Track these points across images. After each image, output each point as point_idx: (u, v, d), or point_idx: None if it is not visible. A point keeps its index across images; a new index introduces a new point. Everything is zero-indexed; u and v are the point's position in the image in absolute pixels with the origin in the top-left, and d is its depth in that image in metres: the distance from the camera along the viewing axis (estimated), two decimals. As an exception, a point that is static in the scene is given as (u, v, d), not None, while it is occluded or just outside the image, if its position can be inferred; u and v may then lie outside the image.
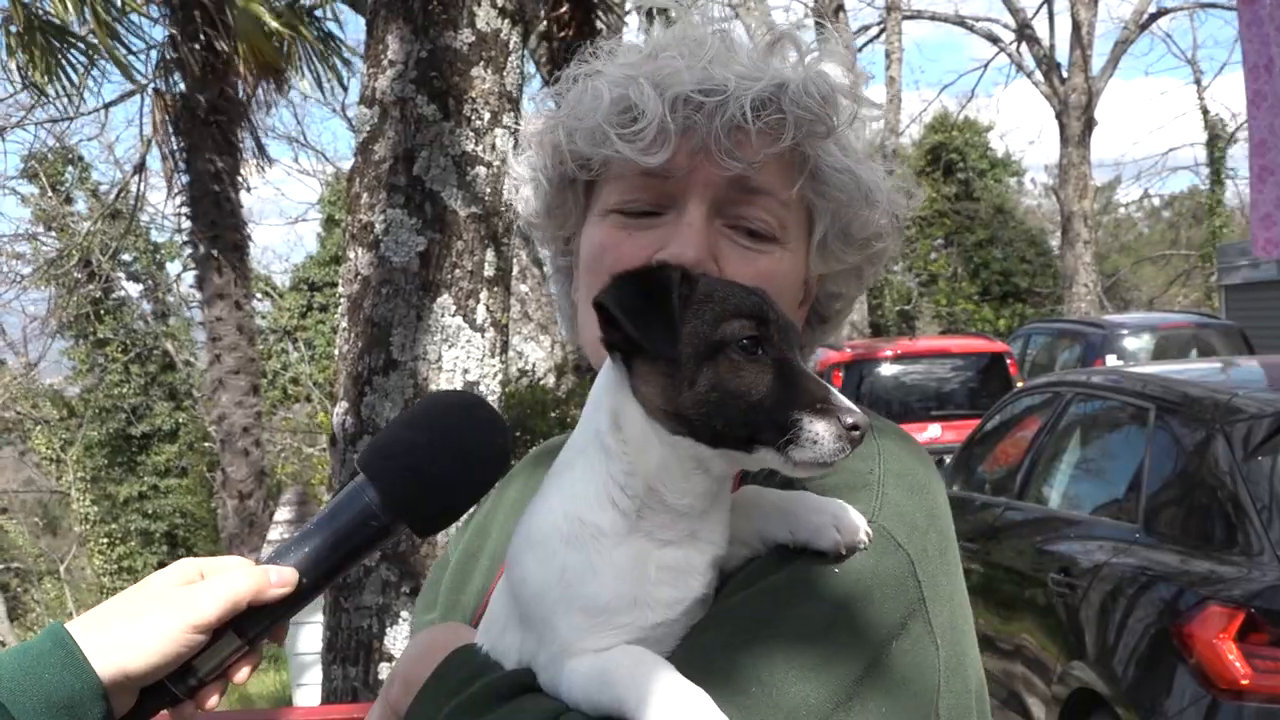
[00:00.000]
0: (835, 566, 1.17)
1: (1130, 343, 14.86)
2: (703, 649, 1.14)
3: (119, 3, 11.37)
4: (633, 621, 1.12)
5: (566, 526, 1.16)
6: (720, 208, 1.35)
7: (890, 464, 1.27)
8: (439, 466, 1.24)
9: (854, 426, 1.07)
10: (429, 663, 1.24)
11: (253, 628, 1.17)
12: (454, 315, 4.13)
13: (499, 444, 1.29)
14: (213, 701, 1.19)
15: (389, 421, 4.00)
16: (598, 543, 1.14)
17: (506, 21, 4.23)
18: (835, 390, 1.11)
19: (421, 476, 1.23)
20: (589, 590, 1.13)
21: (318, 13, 13.07)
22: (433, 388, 4.08)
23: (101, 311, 27.07)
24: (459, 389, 4.06)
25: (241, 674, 1.20)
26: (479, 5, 4.18)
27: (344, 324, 4.23)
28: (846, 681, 1.12)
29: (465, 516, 1.62)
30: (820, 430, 1.07)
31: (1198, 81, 32.15)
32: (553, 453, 1.64)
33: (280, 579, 1.17)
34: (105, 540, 26.69)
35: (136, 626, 1.10)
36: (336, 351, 4.31)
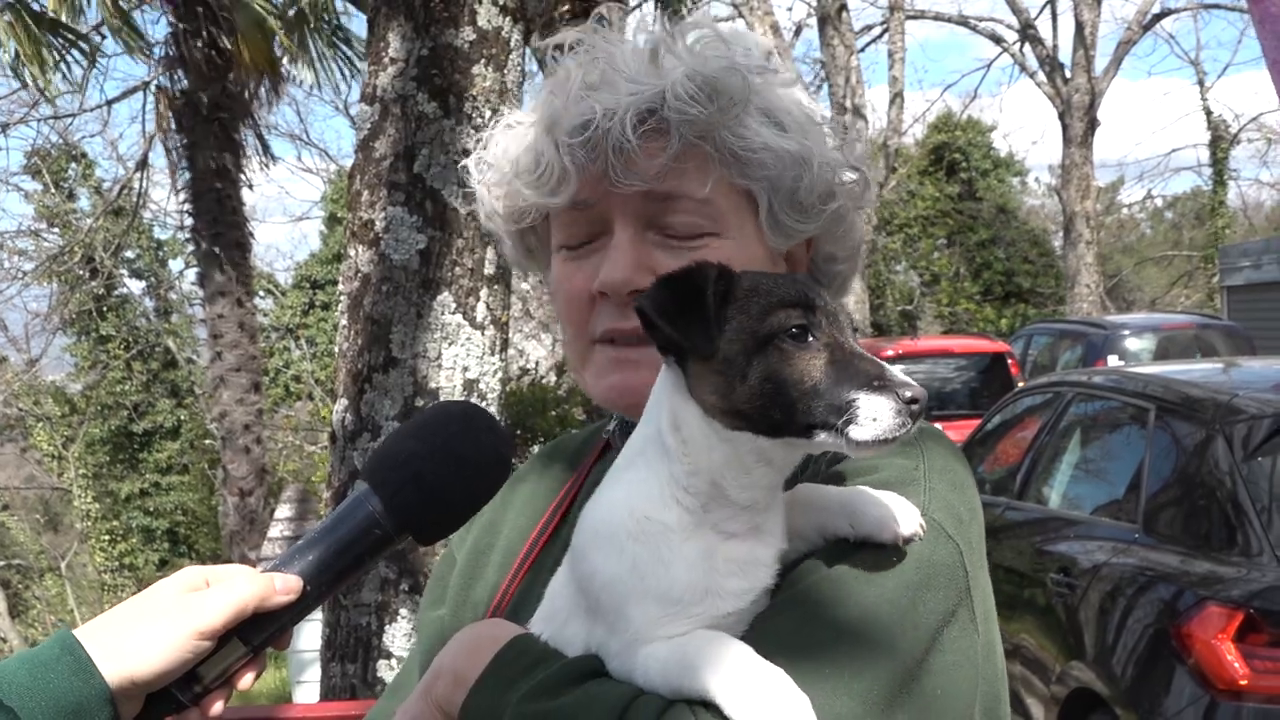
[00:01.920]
0: (894, 556, 1.20)
1: (1132, 343, 14.86)
2: (774, 633, 1.16)
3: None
4: (705, 611, 1.14)
5: (633, 523, 1.17)
6: (648, 221, 1.39)
7: (934, 461, 1.31)
8: (441, 475, 1.25)
9: (912, 400, 1.07)
10: (479, 656, 1.24)
11: (257, 635, 1.18)
12: (454, 313, 4.14)
13: (500, 453, 1.31)
14: (217, 708, 1.20)
15: (392, 428, 4.02)
16: (665, 538, 1.16)
17: (508, 19, 4.24)
18: (889, 366, 1.11)
19: (423, 485, 1.24)
20: (662, 582, 1.14)
21: (324, 8, 13.05)
22: (432, 385, 4.08)
23: (104, 308, 27.08)
24: (461, 399, 4.07)
25: (246, 680, 1.21)
26: (480, 3, 4.18)
27: (344, 321, 4.23)
28: (909, 665, 1.15)
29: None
30: (878, 406, 1.08)
31: (1201, 82, 32.11)
32: (564, 451, 1.67)
33: (285, 586, 1.18)
34: (106, 537, 26.70)
35: (143, 633, 1.11)
36: (336, 349, 4.32)
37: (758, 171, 1.38)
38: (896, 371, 1.10)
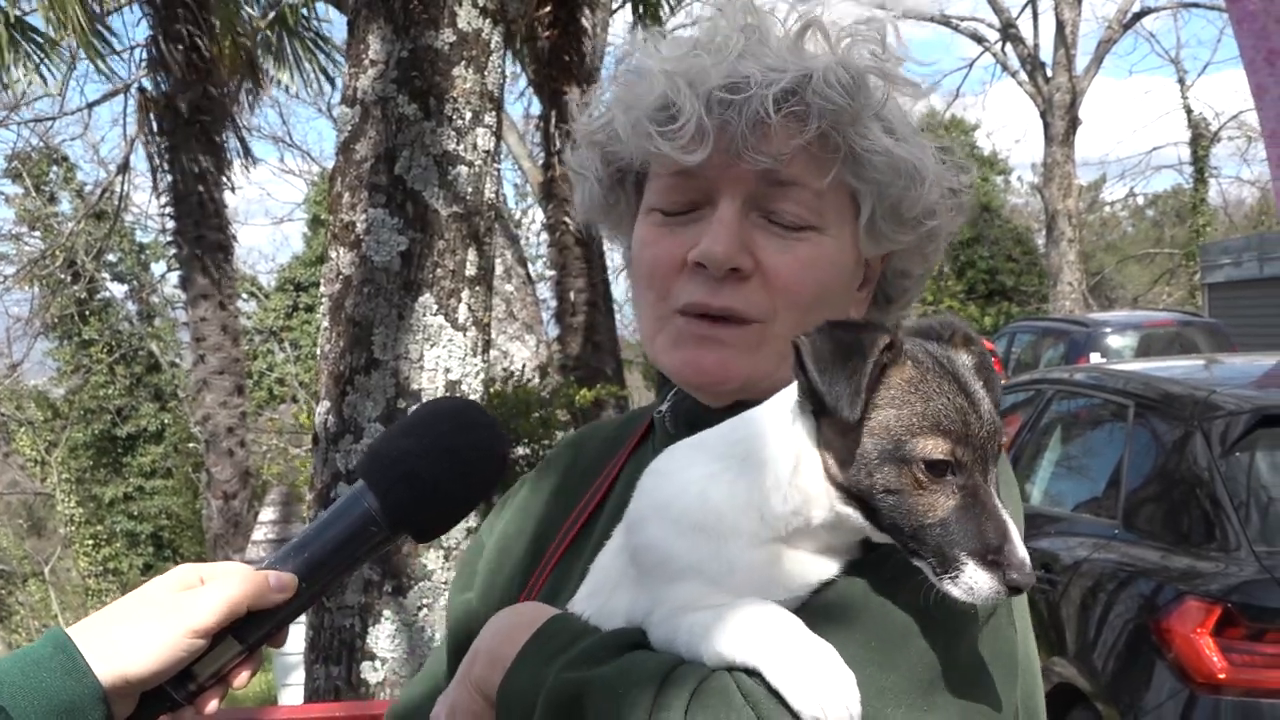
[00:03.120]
0: None
1: (1114, 341, 14.94)
2: (828, 604, 1.16)
3: (99, 7, 11.34)
4: (756, 595, 1.14)
5: (703, 515, 1.16)
6: (754, 202, 1.37)
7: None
8: (437, 472, 1.24)
9: (1016, 588, 1.05)
10: (517, 636, 1.23)
11: (252, 633, 1.18)
12: (436, 314, 4.14)
13: (497, 449, 1.30)
14: (212, 706, 1.19)
15: (374, 429, 4.02)
16: (733, 541, 1.15)
17: (488, 21, 4.24)
18: (1014, 532, 1.07)
19: (419, 482, 1.23)
20: (717, 576, 1.14)
21: (304, 12, 13.05)
22: (414, 387, 4.09)
23: (86, 312, 26.95)
24: (456, 395, 4.07)
25: (241, 678, 1.20)
26: (460, 5, 4.19)
27: (326, 323, 4.24)
28: (941, 658, 1.14)
29: (500, 501, 1.64)
30: (980, 583, 1.05)
31: (1181, 81, 32.29)
32: (597, 437, 1.66)
33: (280, 584, 1.17)
34: (90, 542, 26.58)
35: (136, 631, 1.11)
36: (319, 351, 4.32)
37: (870, 174, 1.37)
38: (1018, 541, 1.06)
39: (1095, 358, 14.04)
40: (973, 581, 1.05)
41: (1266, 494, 4.69)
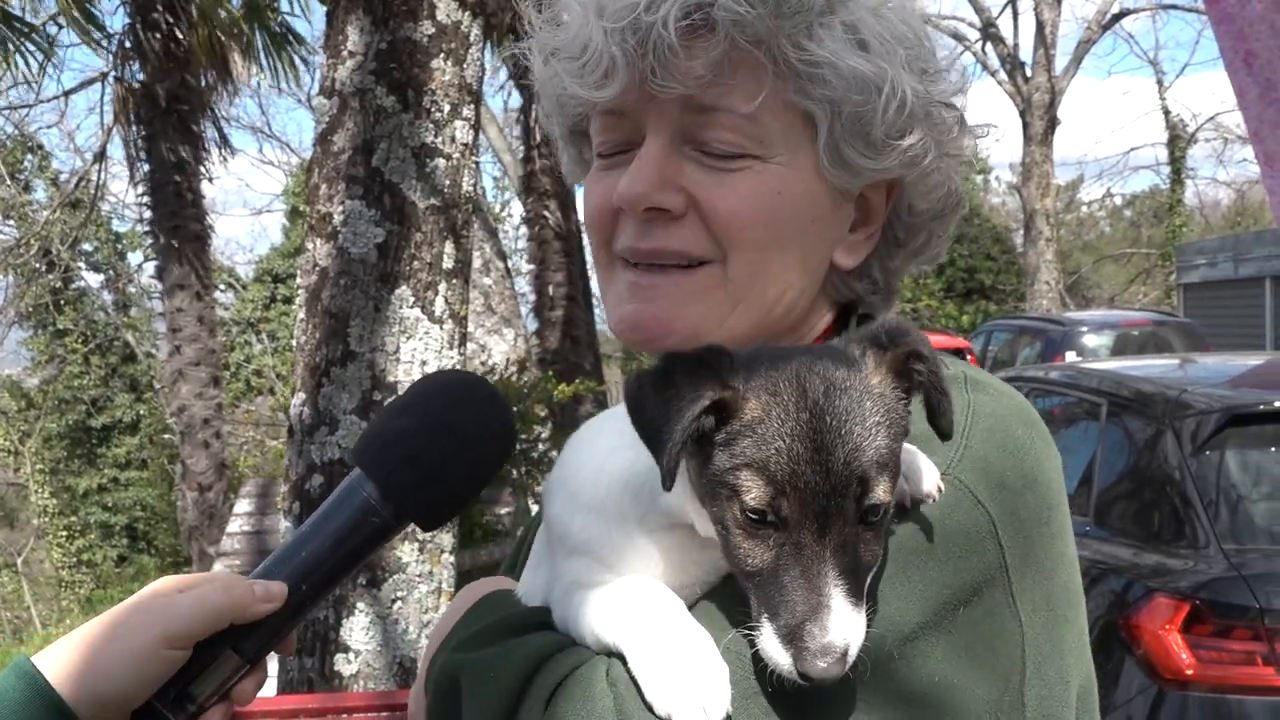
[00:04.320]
0: (896, 520, 1.05)
1: (1090, 340, 15.04)
2: (735, 592, 1.05)
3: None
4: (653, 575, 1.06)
5: (593, 493, 1.09)
6: (684, 134, 1.23)
7: (981, 418, 1.15)
8: (438, 453, 1.14)
9: (806, 677, 0.92)
10: (460, 612, 1.19)
11: (251, 644, 1.10)
12: (412, 307, 4.13)
13: (501, 423, 1.20)
14: None
15: (350, 421, 4.01)
16: (622, 523, 1.07)
17: (467, 14, 4.24)
18: (834, 609, 0.92)
19: (421, 465, 1.14)
20: (608, 557, 1.07)
21: (281, 4, 12.98)
22: (390, 379, 4.08)
23: (61, 302, 26.77)
24: (451, 369, 4.06)
25: (245, 694, 1.13)
26: (439, -3, 4.18)
27: (302, 315, 4.22)
28: (888, 642, 1.02)
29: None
30: (775, 656, 0.94)
31: (1159, 82, 32.52)
32: None
33: (266, 594, 1.10)
34: (64, 533, 26.42)
35: (105, 648, 1.04)
36: (295, 342, 4.30)
37: (817, 90, 1.20)
38: (833, 622, 0.92)
39: (1071, 356, 14.13)
40: (768, 651, 0.94)
41: (1235, 492, 4.73)
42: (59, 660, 1.04)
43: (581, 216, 1.38)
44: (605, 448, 1.11)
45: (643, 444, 1.04)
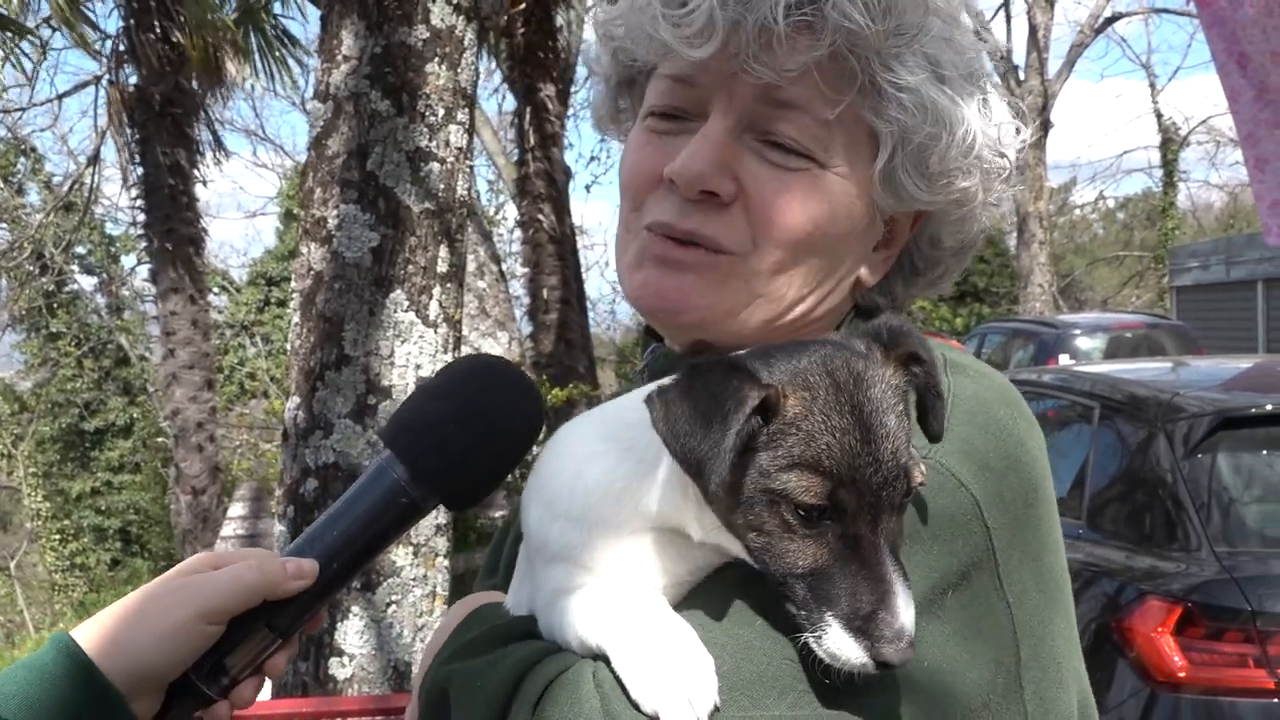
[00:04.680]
0: None
1: (1083, 342, 15.07)
2: (718, 583, 1.06)
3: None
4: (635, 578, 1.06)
5: (570, 501, 1.08)
6: (749, 121, 1.21)
7: (962, 401, 1.14)
8: (468, 437, 1.16)
9: (886, 664, 0.91)
10: (452, 628, 1.20)
11: (283, 620, 1.13)
12: (407, 311, 4.14)
13: (530, 409, 1.21)
14: (248, 696, 1.15)
15: (344, 425, 4.02)
16: (602, 528, 1.06)
17: (461, 18, 4.25)
18: (898, 596, 0.92)
19: (450, 448, 1.16)
20: (587, 560, 1.06)
21: (275, 7, 13.00)
22: (385, 383, 4.09)
23: (54, 305, 26.71)
24: (484, 354, 4.06)
25: (277, 667, 1.16)
26: (434, 1, 4.19)
27: (297, 319, 4.23)
28: None
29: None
30: (845, 652, 0.92)
31: (1152, 85, 32.60)
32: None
33: (298, 572, 1.13)
34: (57, 537, 26.34)
35: (142, 624, 1.07)
36: (289, 346, 4.31)
37: (894, 113, 1.19)
38: (900, 606, 0.92)
39: (1064, 359, 14.16)
40: (836, 648, 0.92)
41: (1227, 495, 4.75)
42: (97, 635, 1.07)
43: (621, 172, 1.33)
44: (580, 455, 1.10)
45: (618, 449, 1.06)
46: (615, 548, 1.05)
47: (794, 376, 0.96)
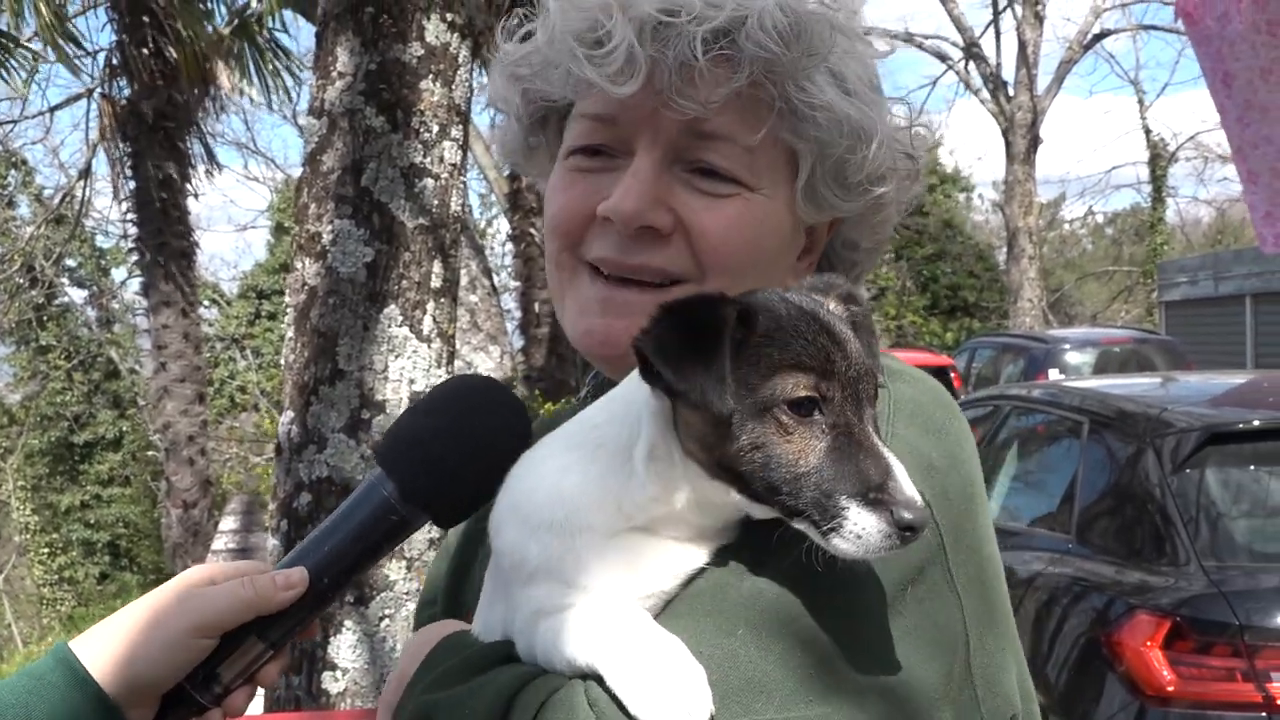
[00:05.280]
0: None
1: (1073, 357, 15.13)
2: (690, 599, 1.08)
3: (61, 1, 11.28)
4: (614, 592, 1.07)
5: (553, 514, 1.09)
6: (677, 154, 1.25)
7: (902, 405, 1.18)
8: (456, 454, 1.19)
9: (909, 527, 0.95)
10: (421, 657, 1.20)
11: (275, 631, 1.16)
12: (400, 326, 4.16)
13: (518, 427, 1.23)
14: (240, 704, 1.18)
15: (338, 440, 4.03)
16: (587, 537, 1.07)
17: (455, 35, 4.28)
18: (898, 469, 0.97)
19: (439, 465, 1.18)
20: (571, 574, 1.07)
21: (268, 21, 13.02)
22: (379, 398, 4.10)
23: (44, 318, 26.67)
24: (473, 373, 4.07)
25: (269, 676, 1.19)
26: (428, 19, 4.22)
27: (291, 333, 4.24)
28: (847, 630, 1.05)
29: None
30: (868, 526, 0.95)
31: (1140, 101, 32.81)
32: (540, 431, 1.51)
33: (286, 582, 1.15)
34: (46, 550, 26.24)
35: (139, 636, 1.10)
36: (283, 361, 4.32)
37: (810, 131, 1.24)
38: (902, 478, 0.97)
39: (1054, 373, 14.22)
40: (859, 527, 0.95)
41: (1216, 510, 4.79)
42: (95, 647, 1.10)
43: (548, 212, 1.35)
44: (553, 470, 1.12)
45: (589, 452, 1.09)
46: (598, 556, 1.07)
47: (756, 300, 1.03)
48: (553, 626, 1.06)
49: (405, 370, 4.16)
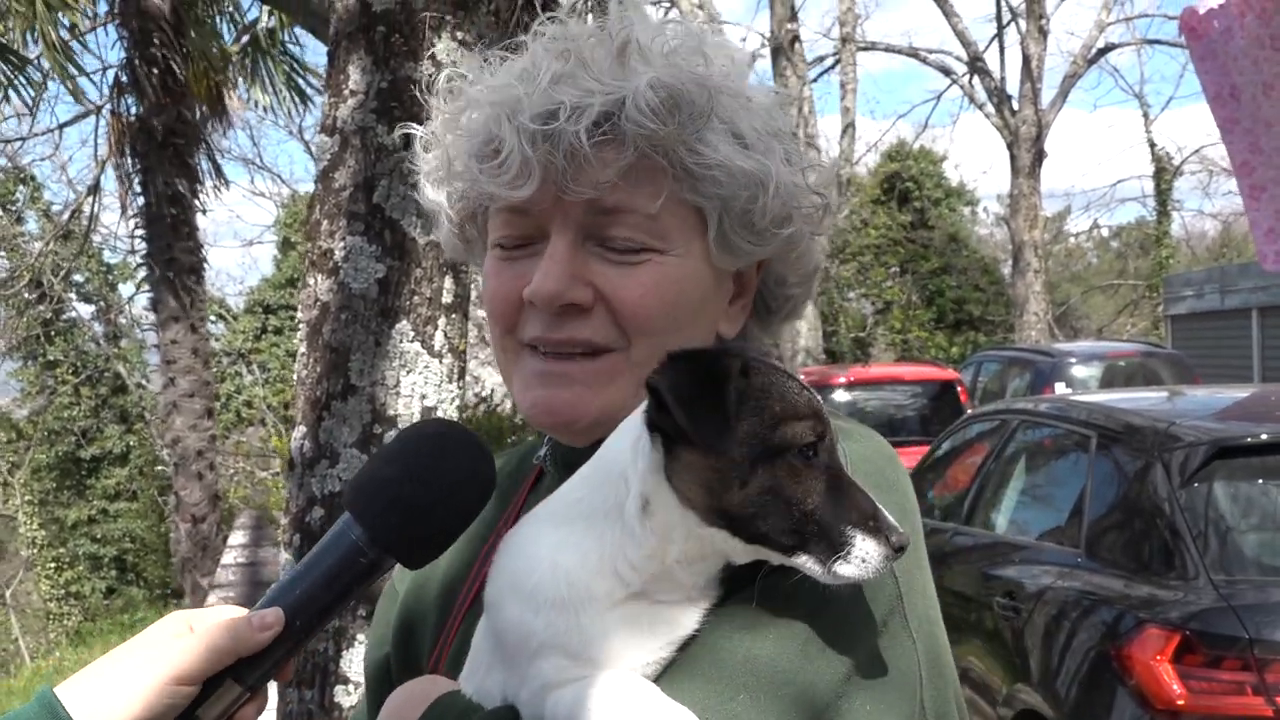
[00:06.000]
0: None
1: (1079, 371, 15.11)
2: (684, 665, 1.14)
3: (67, 21, 11.35)
4: (620, 666, 1.12)
5: (555, 589, 1.14)
6: (587, 231, 1.32)
7: (857, 465, 1.24)
8: (422, 497, 1.23)
9: (900, 547, 1.08)
10: (408, 716, 1.23)
11: (251, 674, 1.19)
12: (412, 341, 4.18)
13: (481, 470, 1.28)
14: (249, 716, 1.21)
15: (350, 455, 4.05)
16: (589, 606, 1.12)
17: (465, 53, 4.31)
18: (878, 503, 1.11)
19: (405, 509, 1.22)
20: (576, 646, 1.12)
21: (280, 35, 13.11)
22: (390, 413, 4.13)
23: (52, 333, 26.75)
24: (437, 417, 4.11)
25: (248, 718, 1.21)
26: (439, 37, 4.25)
27: (303, 349, 4.27)
28: (833, 683, 1.13)
29: None
30: (871, 550, 1.07)
31: (1145, 115, 32.85)
32: (499, 472, 1.59)
33: (262, 624, 1.18)
34: (53, 564, 26.27)
35: (119, 683, 1.13)
36: (295, 376, 4.35)
37: (710, 189, 1.31)
38: (884, 511, 1.10)
39: (1060, 387, 14.21)
40: (864, 552, 1.07)
41: (1224, 524, 4.80)
42: (78, 693, 1.13)
43: (484, 299, 1.47)
44: (549, 546, 1.17)
45: (580, 525, 1.15)
46: (601, 628, 1.12)
47: (743, 353, 1.15)
48: (562, 700, 1.10)
49: (417, 385, 4.18)
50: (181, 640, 1.16)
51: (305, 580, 1.23)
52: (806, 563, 1.08)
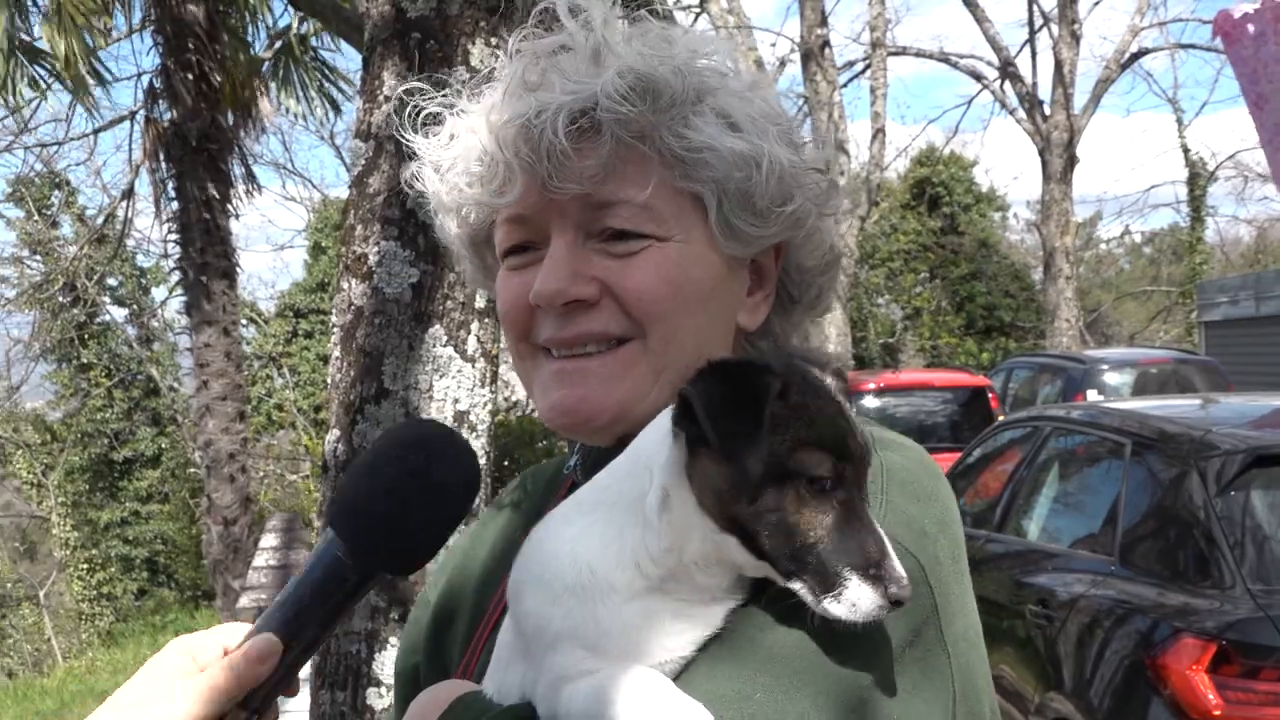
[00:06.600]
0: None
1: (1111, 378, 15.01)
2: (704, 665, 1.12)
3: (90, 27, 11.48)
4: (635, 661, 1.10)
5: (574, 576, 1.13)
6: (586, 228, 1.32)
7: (894, 474, 1.24)
8: (401, 509, 1.22)
9: (897, 601, 1.04)
10: (431, 717, 1.22)
11: (255, 698, 1.20)
12: (445, 345, 4.20)
13: (464, 477, 1.28)
14: None
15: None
16: (607, 598, 1.11)
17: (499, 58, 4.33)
18: (890, 547, 1.06)
19: (385, 523, 1.21)
20: (591, 638, 1.11)
21: (313, 41, 13.21)
22: (423, 416, 4.14)
23: (85, 336, 27.02)
24: (413, 419, 4.11)
25: None
26: (473, 43, 4.27)
27: (337, 353, 4.29)
28: (854, 685, 1.11)
29: (444, 554, 1.55)
30: (864, 596, 1.04)
31: (1179, 120, 32.57)
32: (538, 483, 1.59)
33: (260, 656, 1.19)
34: (85, 566, 26.53)
35: None
36: (329, 380, 4.37)
37: (702, 173, 1.30)
38: (894, 555, 1.06)
39: (1092, 394, 14.11)
40: (856, 598, 1.04)
41: (1261, 533, 4.75)
42: None
43: (498, 312, 1.45)
44: (571, 538, 1.16)
45: (603, 515, 1.15)
46: (620, 621, 1.11)
47: (789, 371, 1.11)
48: (577, 692, 1.09)
49: (450, 390, 4.20)
50: (187, 683, 1.17)
51: (295, 599, 1.23)
52: (801, 590, 1.06)
